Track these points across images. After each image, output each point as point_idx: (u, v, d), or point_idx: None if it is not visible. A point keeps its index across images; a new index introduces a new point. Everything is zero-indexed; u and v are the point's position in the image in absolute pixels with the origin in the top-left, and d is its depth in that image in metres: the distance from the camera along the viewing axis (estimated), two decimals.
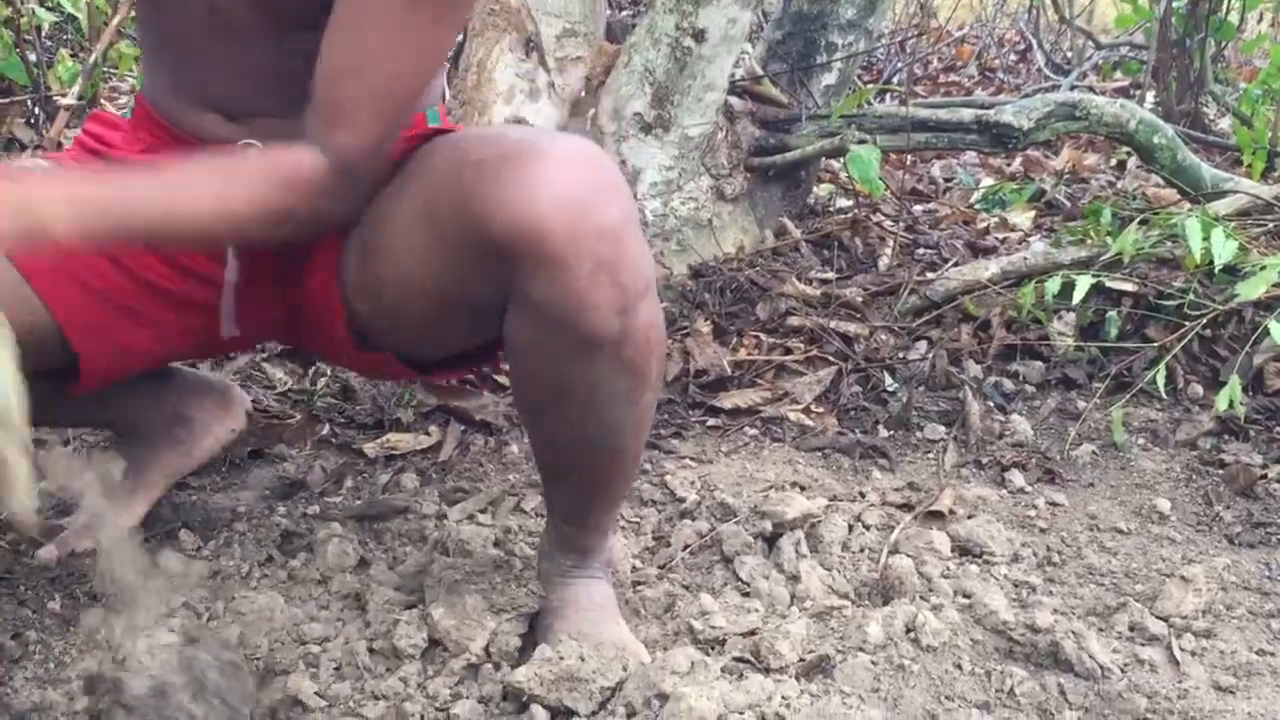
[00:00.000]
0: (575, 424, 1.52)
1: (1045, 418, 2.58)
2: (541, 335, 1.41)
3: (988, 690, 1.69)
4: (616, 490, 1.69)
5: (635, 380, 1.47)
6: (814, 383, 2.67)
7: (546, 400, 1.50)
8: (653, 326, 1.45)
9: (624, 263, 1.36)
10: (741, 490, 2.19)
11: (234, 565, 1.91)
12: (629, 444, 1.58)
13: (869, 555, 2.01)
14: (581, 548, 1.72)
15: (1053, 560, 2.04)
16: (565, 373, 1.44)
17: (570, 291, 1.35)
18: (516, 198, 1.33)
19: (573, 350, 1.40)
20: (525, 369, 1.50)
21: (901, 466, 2.39)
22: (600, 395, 1.46)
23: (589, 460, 1.58)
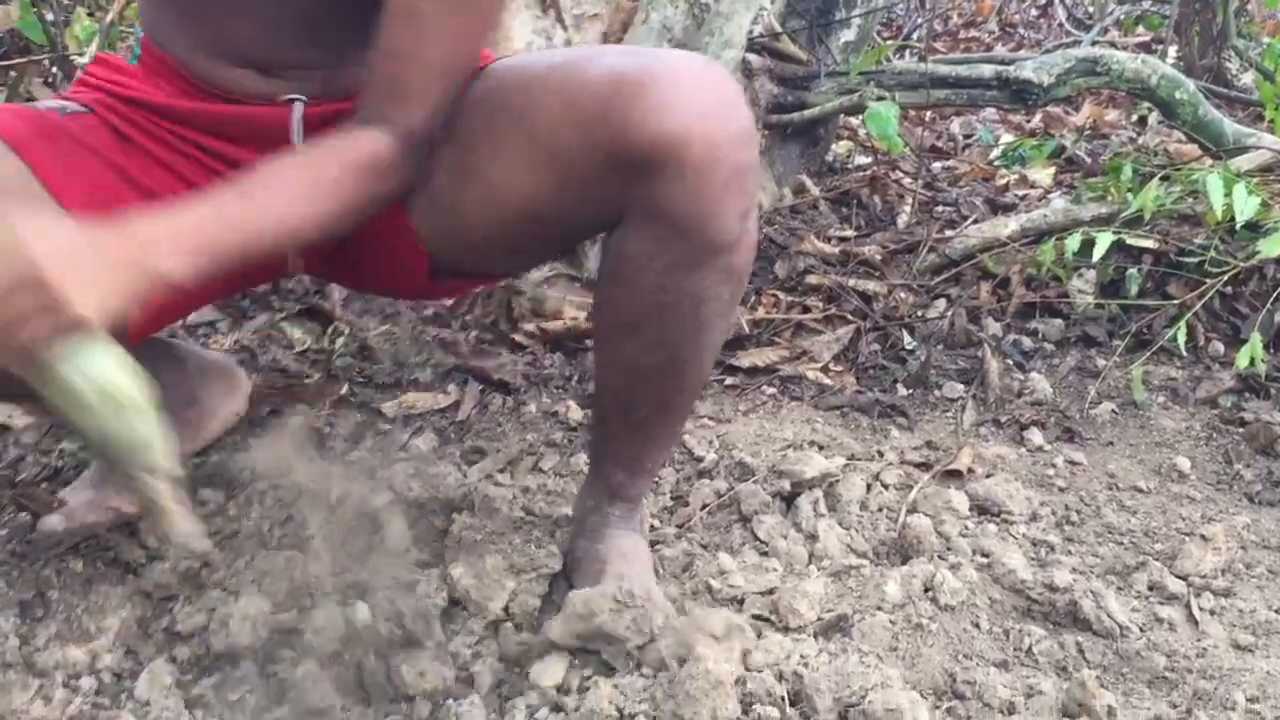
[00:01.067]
0: (668, 344, 1.53)
1: (1064, 376, 2.57)
2: (661, 246, 1.43)
3: (1006, 649, 1.70)
4: (678, 427, 1.74)
5: (737, 289, 1.51)
6: (832, 341, 2.66)
7: (645, 317, 1.51)
8: (757, 230, 1.53)
9: (750, 168, 1.42)
10: (759, 449, 2.19)
11: (254, 524, 1.92)
12: (707, 364, 1.61)
13: (887, 514, 2.01)
14: (631, 496, 1.75)
15: (1071, 519, 2.04)
16: (675, 285, 1.46)
17: (707, 196, 1.38)
18: (656, 111, 1.35)
19: (690, 259, 1.44)
20: (629, 286, 1.50)
21: (920, 425, 2.39)
22: (705, 309, 1.50)
23: (664, 388, 1.60)
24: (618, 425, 1.70)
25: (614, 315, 1.57)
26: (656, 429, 1.69)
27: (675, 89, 1.36)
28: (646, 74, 1.37)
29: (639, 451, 1.72)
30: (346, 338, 2.62)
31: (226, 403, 2.07)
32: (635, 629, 1.54)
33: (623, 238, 1.47)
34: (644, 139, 1.36)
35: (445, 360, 2.53)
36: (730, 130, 1.38)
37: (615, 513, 1.75)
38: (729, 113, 1.39)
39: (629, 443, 1.71)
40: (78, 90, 1.66)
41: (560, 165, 1.43)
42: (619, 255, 1.49)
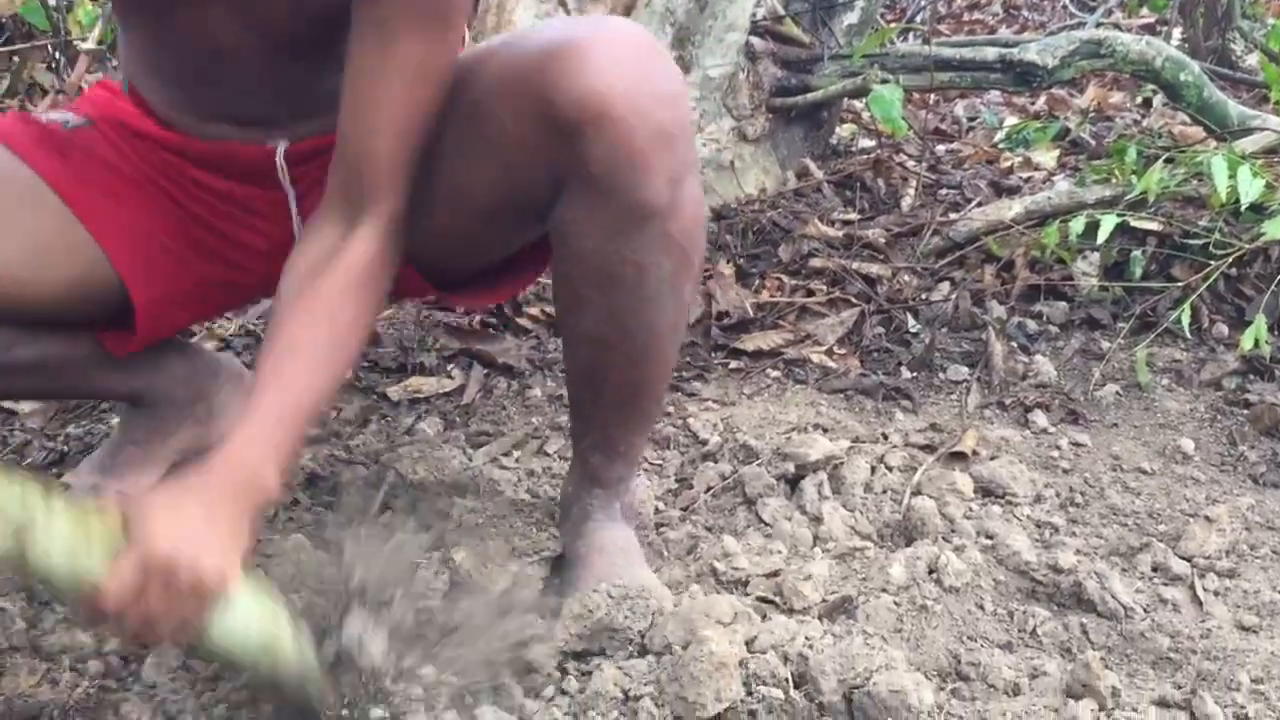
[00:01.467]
0: (618, 316, 1.54)
1: (1069, 358, 2.57)
2: (594, 212, 1.44)
3: (1010, 630, 1.70)
4: (649, 407, 1.71)
5: (681, 261, 1.50)
6: (836, 324, 2.66)
7: (592, 289, 1.52)
8: (699, 204, 1.52)
9: (680, 131, 1.42)
10: (764, 432, 2.19)
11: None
12: (666, 346, 1.61)
13: (891, 496, 2.01)
14: (609, 480, 1.74)
15: (1076, 501, 2.04)
16: (614, 252, 1.46)
17: (630, 154, 1.38)
18: (578, 73, 1.36)
19: (625, 223, 1.44)
20: (573, 255, 1.51)
21: (924, 408, 2.39)
22: (648, 279, 1.49)
23: (626, 362, 1.60)
24: (587, 406, 1.70)
25: (563, 287, 1.59)
26: (626, 409, 1.69)
27: (598, 51, 1.37)
28: (573, 40, 1.39)
29: (611, 433, 1.71)
30: None
31: (236, 402, 2.03)
32: (636, 615, 1.55)
33: (561, 206, 1.48)
34: (566, 99, 1.37)
35: (450, 344, 2.53)
36: (653, 89, 1.39)
37: (594, 502, 1.74)
38: (653, 73, 1.40)
39: (600, 424, 1.70)
40: (79, 104, 1.71)
41: (502, 147, 1.46)
42: (559, 224, 1.50)
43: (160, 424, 1.96)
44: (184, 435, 1.97)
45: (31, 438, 2.16)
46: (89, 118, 1.66)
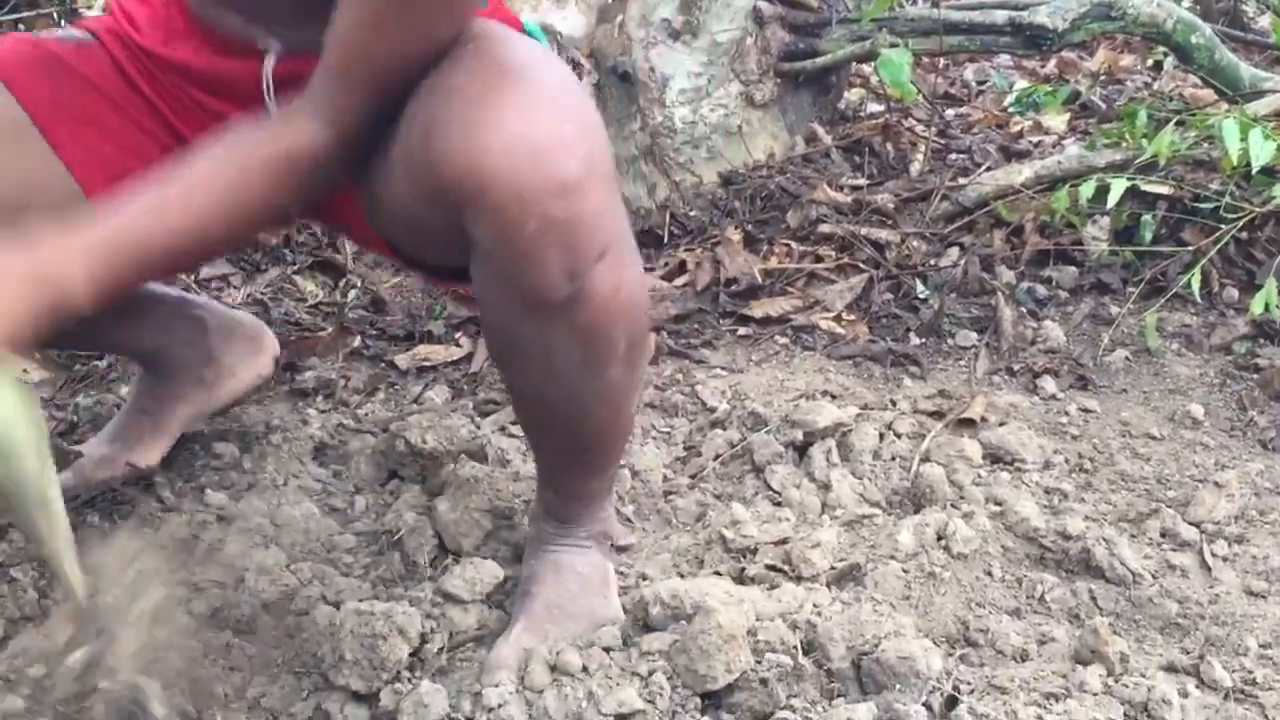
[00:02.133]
0: (536, 384, 1.44)
1: (1078, 323, 2.56)
2: (493, 286, 1.33)
3: (1018, 597, 1.70)
4: (594, 461, 1.60)
5: (593, 351, 1.37)
6: (845, 290, 2.65)
7: (507, 354, 1.43)
8: (616, 292, 1.33)
9: (578, 223, 1.25)
10: (772, 399, 2.19)
11: (269, 477, 1.93)
12: (599, 414, 1.48)
13: (900, 463, 2.01)
14: (563, 516, 1.65)
15: (1084, 467, 2.04)
16: (518, 331, 1.36)
17: (514, 248, 1.25)
18: (465, 141, 1.23)
19: (519, 308, 1.32)
20: (485, 318, 1.43)
21: (933, 374, 2.39)
22: (556, 361, 1.37)
23: (557, 424, 1.50)
24: (534, 447, 1.62)
25: (487, 341, 1.52)
26: (570, 458, 1.59)
27: (492, 116, 1.23)
28: (475, 94, 1.25)
29: (559, 476, 1.62)
30: (359, 290, 2.62)
31: (250, 363, 2.03)
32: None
33: (471, 267, 1.36)
34: (449, 172, 1.24)
35: (457, 312, 2.53)
36: (543, 177, 1.22)
37: (549, 529, 1.65)
38: (552, 155, 1.22)
39: (548, 466, 1.62)
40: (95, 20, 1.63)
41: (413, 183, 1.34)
42: (474, 284, 1.39)
43: (168, 390, 1.94)
44: (191, 399, 1.96)
45: (42, 407, 2.16)
46: (93, 33, 1.59)
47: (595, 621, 1.57)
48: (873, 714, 1.40)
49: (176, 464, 1.97)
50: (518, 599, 1.62)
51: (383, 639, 1.51)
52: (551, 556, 1.64)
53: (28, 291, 1.19)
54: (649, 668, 1.48)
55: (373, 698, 1.48)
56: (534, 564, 1.65)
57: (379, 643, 1.50)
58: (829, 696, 1.47)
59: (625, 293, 1.35)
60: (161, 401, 1.94)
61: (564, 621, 1.56)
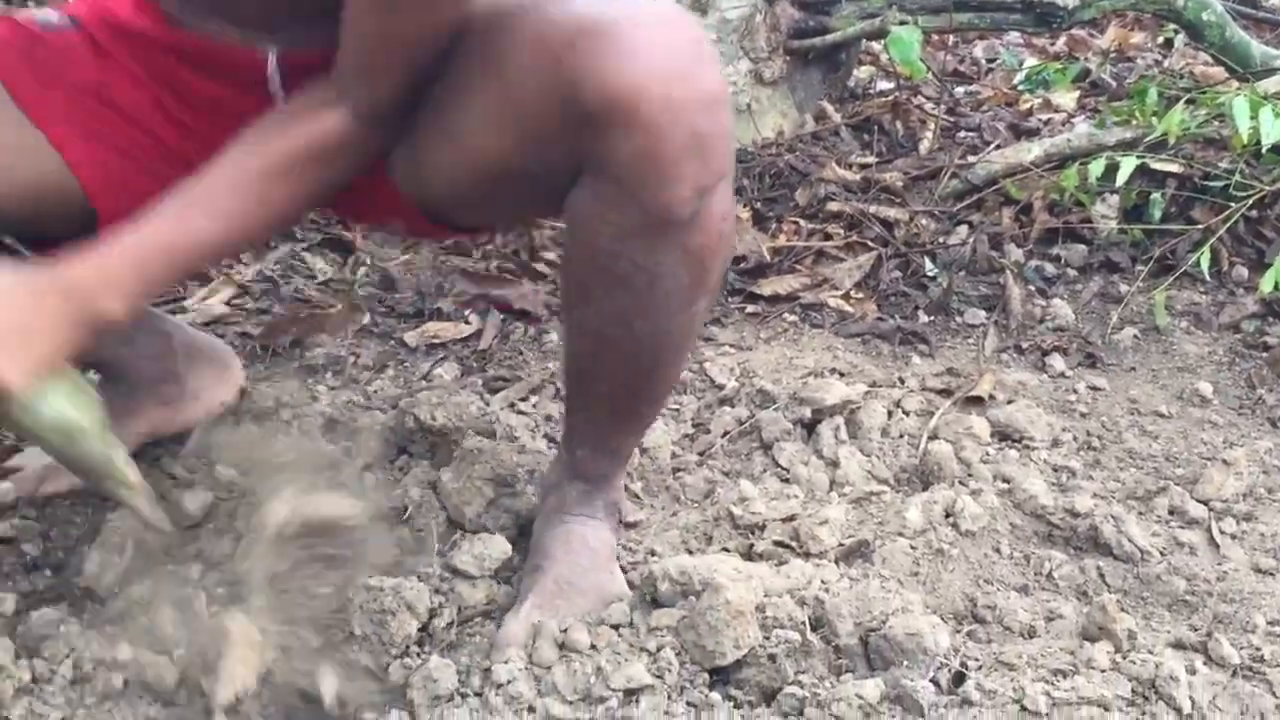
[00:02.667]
0: (623, 318, 1.43)
1: (1087, 301, 2.56)
2: (612, 210, 1.33)
3: (1026, 574, 1.70)
4: (644, 411, 1.62)
5: (697, 276, 1.40)
6: (853, 268, 2.65)
7: (599, 285, 1.42)
8: (726, 217, 1.40)
9: (715, 139, 1.29)
10: (781, 377, 2.19)
11: (279, 454, 1.93)
12: (671, 357, 1.51)
13: (908, 441, 2.01)
14: (593, 475, 1.65)
15: (1093, 445, 2.04)
16: (626, 255, 1.36)
17: (658, 159, 1.27)
18: (613, 63, 1.24)
19: (643, 229, 1.33)
20: (584, 247, 1.41)
21: (941, 352, 2.39)
22: (658, 288, 1.39)
23: (626, 366, 1.50)
24: (580, 398, 1.60)
25: (570, 276, 1.50)
26: (620, 410, 1.59)
27: (636, 41, 1.24)
28: (610, 23, 1.26)
29: (602, 430, 1.62)
30: (368, 267, 2.62)
31: (214, 389, 1.97)
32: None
33: (577, 195, 1.37)
34: (596, 92, 1.25)
35: (467, 289, 2.53)
36: (692, 93, 1.26)
37: (573, 493, 1.65)
38: (695, 73, 1.27)
39: (593, 419, 1.61)
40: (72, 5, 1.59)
41: (522, 115, 1.33)
42: (573, 213, 1.39)
43: (126, 402, 1.84)
44: (150, 417, 1.90)
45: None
46: (74, 18, 1.55)
47: (604, 598, 1.57)
48: (880, 690, 1.41)
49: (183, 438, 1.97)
50: (527, 573, 1.63)
51: (391, 615, 1.51)
52: (565, 528, 1.64)
53: (66, 310, 1.26)
54: (657, 643, 1.48)
55: (382, 672, 1.49)
56: (546, 535, 1.64)
57: (388, 619, 1.51)
58: (836, 673, 1.48)
59: (729, 220, 1.42)
60: (117, 415, 1.77)
61: (574, 597, 1.56)
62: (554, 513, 1.66)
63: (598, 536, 1.65)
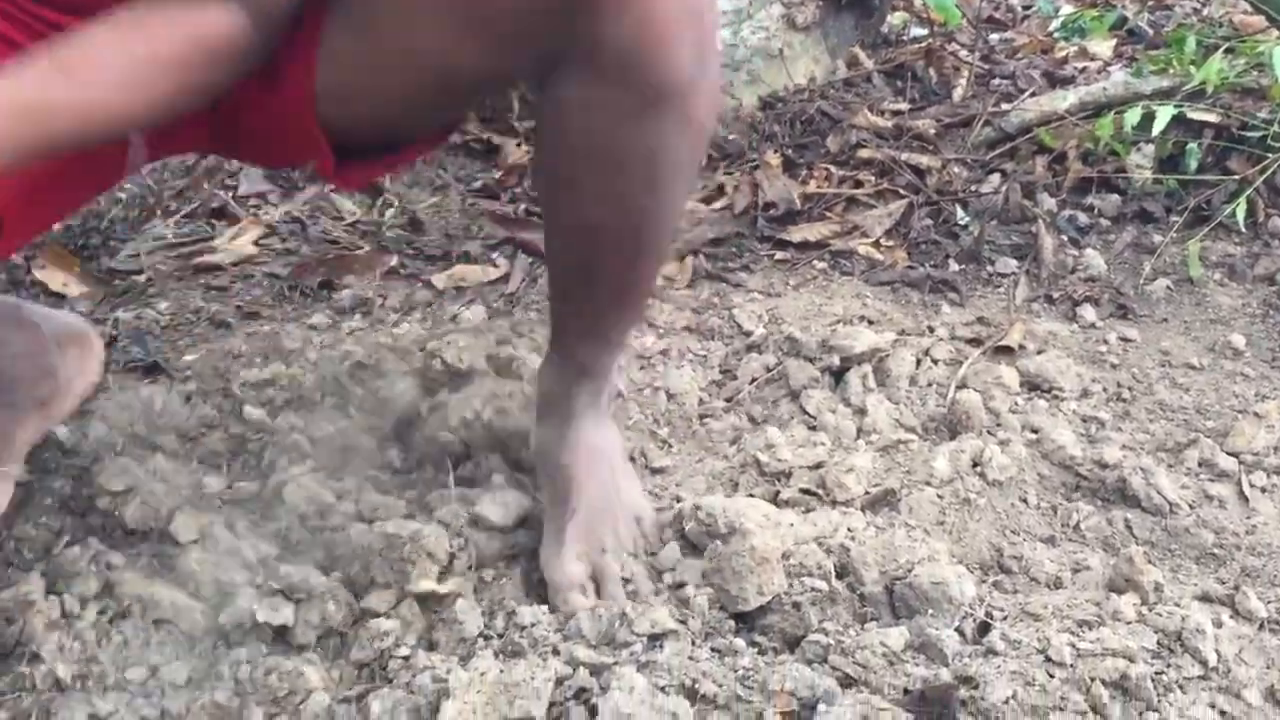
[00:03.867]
0: (621, 203, 1.39)
1: (1120, 252, 2.53)
2: (611, 90, 1.29)
3: (1053, 525, 1.70)
4: (644, 290, 1.59)
5: (696, 143, 1.38)
6: (884, 216, 2.63)
7: (593, 175, 1.37)
8: (716, 86, 1.38)
9: (708, 7, 1.30)
10: (809, 324, 2.18)
11: (306, 395, 1.94)
12: (668, 232, 1.49)
13: (937, 390, 2.00)
14: (598, 370, 1.60)
15: (1123, 396, 2.03)
16: (624, 136, 1.32)
17: (656, 30, 1.24)
18: None
19: (643, 104, 1.29)
20: (573, 136, 1.35)
21: (971, 301, 2.37)
22: (658, 164, 1.35)
23: (626, 250, 1.45)
24: (576, 296, 1.54)
25: (553, 172, 1.43)
26: (621, 297, 1.54)
27: None
28: None
29: (603, 322, 1.57)
30: (396, 209, 2.62)
31: (83, 373, 1.82)
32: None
33: (560, 84, 1.31)
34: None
35: (495, 232, 2.52)
36: None
37: (582, 397, 1.60)
38: None
39: (591, 313, 1.56)
40: None
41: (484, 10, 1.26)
42: (557, 105, 1.34)
43: (5, 414, 1.69)
44: (34, 423, 1.73)
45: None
46: None
47: (635, 513, 1.59)
48: (905, 638, 1.41)
49: (206, 375, 1.98)
50: (551, 503, 1.60)
51: (411, 563, 1.52)
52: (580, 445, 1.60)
53: None
54: (683, 588, 1.49)
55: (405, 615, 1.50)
56: (564, 456, 1.60)
57: (408, 566, 1.52)
58: (861, 620, 1.48)
59: (719, 88, 1.41)
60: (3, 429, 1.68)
61: (609, 521, 1.57)
62: (563, 423, 1.61)
63: (608, 439, 1.65)
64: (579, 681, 1.32)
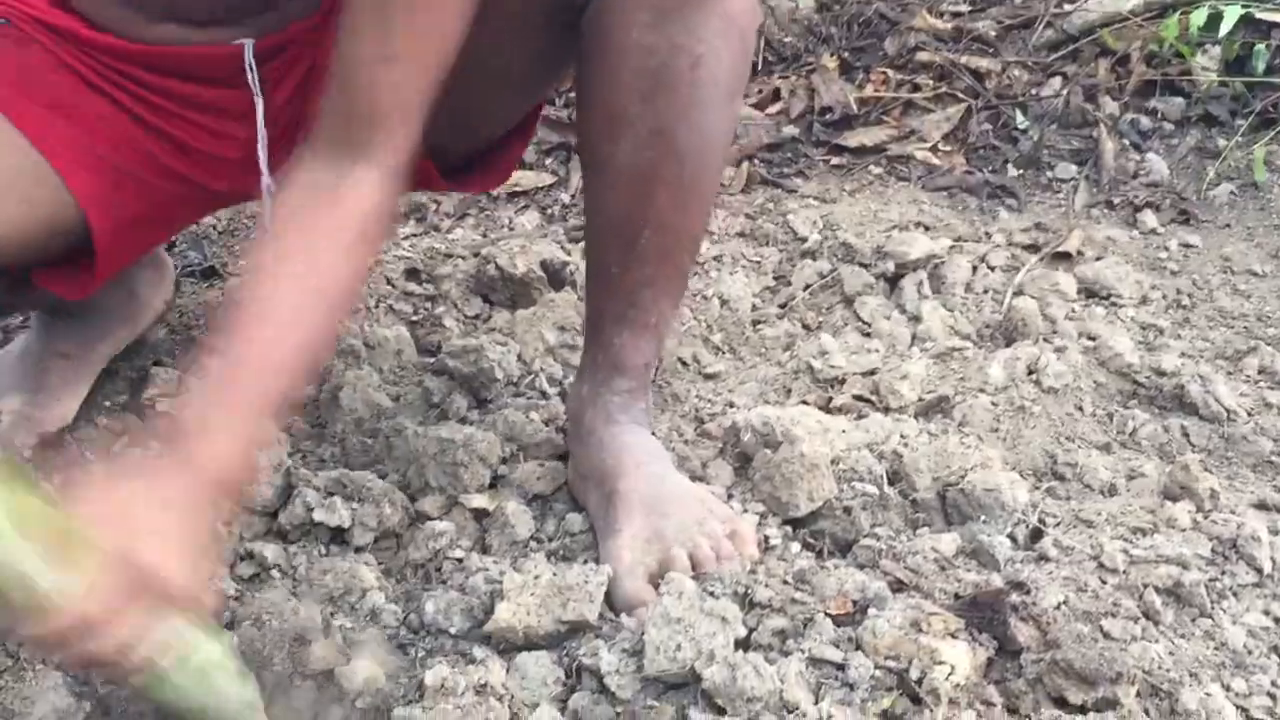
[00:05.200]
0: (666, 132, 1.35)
1: (1183, 156, 2.49)
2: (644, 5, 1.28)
3: (1109, 432, 1.69)
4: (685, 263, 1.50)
5: (740, 52, 1.34)
6: (942, 120, 2.60)
7: (635, 100, 1.33)
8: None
9: None
10: (864, 230, 2.17)
11: (360, 300, 1.95)
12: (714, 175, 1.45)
13: (993, 297, 1.99)
14: (634, 364, 1.51)
15: (1182, 303, 2.00)
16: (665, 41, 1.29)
17: None
18: None
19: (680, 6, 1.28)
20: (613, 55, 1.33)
21: (1030, 206, 2.35)
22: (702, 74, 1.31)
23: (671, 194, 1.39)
24: (615, 266, 1.47)
25: (597, 110, 1.39)
26: (662, 263, 1.45)
27: None
28: None
29: (641, 299, 1.47)
30: None
31: (158, 290, 1.86)
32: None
33: (592, 19, 1.32)
34: None
35: (549, 138, 2.51)
36: None
37: (615, 399, 1.52)
38: None
39: (629, 288, 1.47)
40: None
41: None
42: (596, 27, 1.33)
43: (89, 331, 1.74)
44: (117, 339, 1.79)
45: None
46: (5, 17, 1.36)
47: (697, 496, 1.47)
48: (956, 544, 1.41)
49: None
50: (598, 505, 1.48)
51: (464, 466, 1.53)
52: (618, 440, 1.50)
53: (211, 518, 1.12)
54: (736, 493, 1.50)
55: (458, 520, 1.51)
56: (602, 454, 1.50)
57: (460, 470, 1.53)
58: (913, 526, 1.48)
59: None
60: (85, 343, 1.74)
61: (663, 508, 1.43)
62: (598, 428, 1.52)
63: (652, 443, 1.55)
64: None
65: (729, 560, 1.37)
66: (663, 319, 1.52)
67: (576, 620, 1.31)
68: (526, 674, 1.28)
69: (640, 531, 1.40)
